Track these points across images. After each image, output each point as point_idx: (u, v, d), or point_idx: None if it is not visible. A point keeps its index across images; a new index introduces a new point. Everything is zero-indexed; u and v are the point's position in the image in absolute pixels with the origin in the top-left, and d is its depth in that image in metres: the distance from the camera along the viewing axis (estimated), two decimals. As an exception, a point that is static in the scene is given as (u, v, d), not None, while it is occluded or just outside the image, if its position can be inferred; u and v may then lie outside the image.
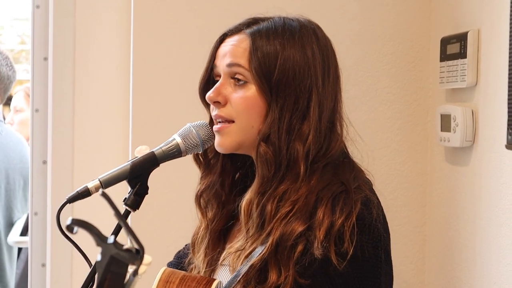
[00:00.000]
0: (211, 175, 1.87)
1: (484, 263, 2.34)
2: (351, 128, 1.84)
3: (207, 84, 1.83)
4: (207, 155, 1.87)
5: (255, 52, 1.74)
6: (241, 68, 1.76)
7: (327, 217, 1.65)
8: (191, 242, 1.92)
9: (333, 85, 1.79)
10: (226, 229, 1.88)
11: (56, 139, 2.82)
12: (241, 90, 1.76)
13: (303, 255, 1.65)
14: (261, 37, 1.76)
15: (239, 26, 1.81)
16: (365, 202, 1.69)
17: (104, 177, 1.75)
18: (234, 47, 1.77)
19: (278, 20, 1.80)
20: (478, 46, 2.39)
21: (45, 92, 2.85)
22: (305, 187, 1.71)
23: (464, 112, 2.42)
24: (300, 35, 1.77)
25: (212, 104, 1.80)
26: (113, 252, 1.21)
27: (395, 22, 2.75)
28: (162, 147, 1.78)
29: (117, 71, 2.81)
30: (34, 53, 2.87)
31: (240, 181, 1.88)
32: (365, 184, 1.75)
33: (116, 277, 1.21)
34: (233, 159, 1.87)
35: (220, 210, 1.87)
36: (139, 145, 1.80)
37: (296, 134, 1.73)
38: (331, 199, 1.68)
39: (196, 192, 1.89)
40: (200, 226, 1.90)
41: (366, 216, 1.68)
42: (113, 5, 2.81)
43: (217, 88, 1.78)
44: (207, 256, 1.85)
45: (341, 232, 1.64)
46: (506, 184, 2.21)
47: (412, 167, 2.77)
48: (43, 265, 2.87)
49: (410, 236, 2.78)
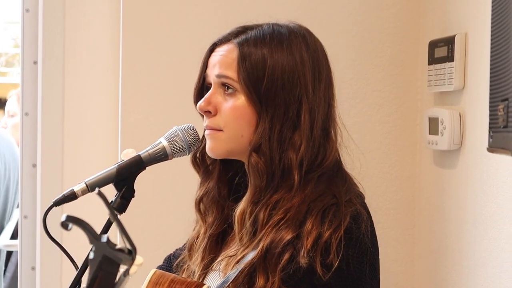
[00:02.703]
0: (210, 180, 1.88)
1: (471, 266, 2.35)
2: (344, 133, 1.83)
3: (201, 93, 1.83)
4: (205, 160, 1.87)
5: (243, 63, 1.74)
6: (229, 79, 1.76)
7: (316, 228, 1.66)
8: (188, 246, 1.92)
9: (325, 91, 1.78)
10: (223, 234, 1.88)
11: (46, 142, 2.82)
12: (231, 100, 1.76)
13: (289, 263, 1.65)
14: (249, 47, 1.75)
15: (228, 35, 1.81)
16: (355, 216, 1.69)
17: (91, 180, 1.75)
18: (223, 57, 1.78)
19: (267, 28, 1.79)
20: (465, 49, 2.39)
21: (35, 95, 2.85)
22: (299, 197, 1.71)
23: (451, 115, 2.42)
24: (288, 42, 1.76)
25: (203, 114, 1.80)
26: (105, 251, 1.21)
27: (384, 26, 2.76)
28: (149, 150, 1.79)
29: (106, 75, 2.81)
30: (24, 57, 2.87)
31: (240, 186, 1.87)
32: (357, 198, 1.75)
33: (107, 276, 1.22)
34: (231, 164, 1.87)
35: (219, 215, 1.87)
36: (128, 148, 1.80)
37: (288, 144, 1.73)
38: (321, 211, 1.68)
39: (196, 198, 1.89)
40: (198, 230, 1.90)
41: (354, 230, 1.68)
42: (103, 9, 2.81)
43: (207, 98, 1.78)
44: (204, 260, 1.85)
45: (328, 243, 1.64)
46: (492, 187, 2.21)
47: (401, 170, 2.78)
48: (32, 268, 2.87)
49: (399, 239, 2.79)
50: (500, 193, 2.18)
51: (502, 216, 2.17)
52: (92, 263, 1.22)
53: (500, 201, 2.18)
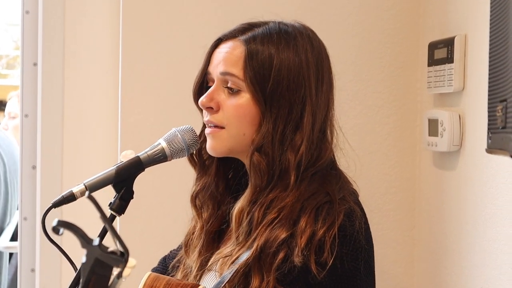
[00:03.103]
0: (206, 176, 1.87)
1: (471, 267, 2.34)
2: (340, 135, 1.82)
3: (201, 88, 1.82)
4: (202, 156, 1.87)
5: (250, 61, 1.73)
6: (234, 77, 1.74)
7: (309, 226, 1.66)
8: (184, 242, 1.91)
9: (326, 93, 1.78)
10: (220, 231, 1.87)
11: (46, 144, 2.81)
12: (234, 98, 1.75)
13: (284, 262, 1.65)
14: (256, 45, 1.74)
15: (233, 32, 1.79)
16: (349, 213, 1.69)
17: (89, 181, 1.75)
18: (228, 54, 1.76)
19: (274, 26, 1.77)
20: (465, 51, 2.39)
21: (35, 97, 2.85)
22: (293, 195, 1.71)
23: (451, 117, 2.42)
24: (295, 42, 1.75)
25: (204, 110, 1.79)
26: (97, 254, 1.21)
27: (384, 27, 2.75)
28: (148, 152, 1.78)
29: (106, 76, 2.81)
30: (23, 59, 2.87)
31: (236, 182, 1.87)
32: (350, 195, 1.75)
33: (101, 279, 1.22)
34: (228, 161, 1.87)
35: (215, 211, 1.86)
36: (127, 150, 1.80)
37: (289, 144, 1.73)
38: (315, 209, 1.68)
39: (192, 193, 1.89)
40: (194, 226, 1.89)
41: (348, 228, 1.67)
42: (103, 10, 2.81)
43: (210, 93, 1.77)
44: (201, 256, 1.84)
45: (322, 242, 1.64)
46: (492, 188, 2.21)
47: (401, 171, 2.78)
48: (32, 270, 2.87)
49: (399, 240, 2.78)
50: (500, 195, 2.18)
51: (502, 217, 2.16)
52: (84, 267, 1.22)
53: (500, 202, 2.18)
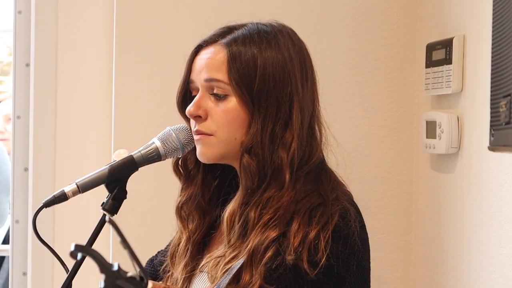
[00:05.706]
0: (192, 186, 1.85)
1: (470, 271, 2.33)
2: (329, 132, 1.81)
3: (185, 98, 1.80)
4: (187, 166, 1.84)
5: (234, 64, 1.71)
6: (219, 82, 1.72)
7: (303, 227, 1.65)
8: (170, 254, 1.89)
9: (311, 89, 1.77)
10: (206, 237, 1.85)
11: (38, 146, 2.80)
12: (222, 103, 1.72)
13: (273, 259, 1.64)
14: (238, 47, 1.72)
15: (213, 36, 1.77)
16: (343, 213, 1.68)
17: (82, 181, 1.73)
18: (210, 60, 1.74)
19: (252, 26, 1.76)
20: (463, 52, 2.38)
21: (27, 98, 2.83)
22: (289, 195, 1.70)
23: (449, 119, 2.40)
24: (276, 40, 1.74)
25: (192, 119, 1.77)
26: (117, 280, 1.21)
27: (381, 28, 2.75)
28: (141, 151, 1.76)
29: (99, 77, 2.80)
30: (15, 59, 2.85)
31: (222, 190, 1.85)
32: (344, 195, 1.73)
33: None
34: (213, 169, 1.85)
35: (202, 221, 1.84)
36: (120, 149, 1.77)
37: (280, 142, 1.71)
38: (309, 211, 1.67)
39: (177, 204, 1.86)
40: (180, 237, 1.87)
41: (342, 228, 1.66)
42: (95, 11, 2.80)
43: (196, 102, 1.75)
44: (187, 267, 1.83)
45: (316, 242, 1.63)
46: (490, 190, 2.20)
47: (398, 174, 2.76)
48: (24, 274, 2.85)
49: (396, 244, 2.77)
50: (498, 198, 2.16)
51: (500, 220, 2.15)
52: None
53: (499, 205, 2.16)
